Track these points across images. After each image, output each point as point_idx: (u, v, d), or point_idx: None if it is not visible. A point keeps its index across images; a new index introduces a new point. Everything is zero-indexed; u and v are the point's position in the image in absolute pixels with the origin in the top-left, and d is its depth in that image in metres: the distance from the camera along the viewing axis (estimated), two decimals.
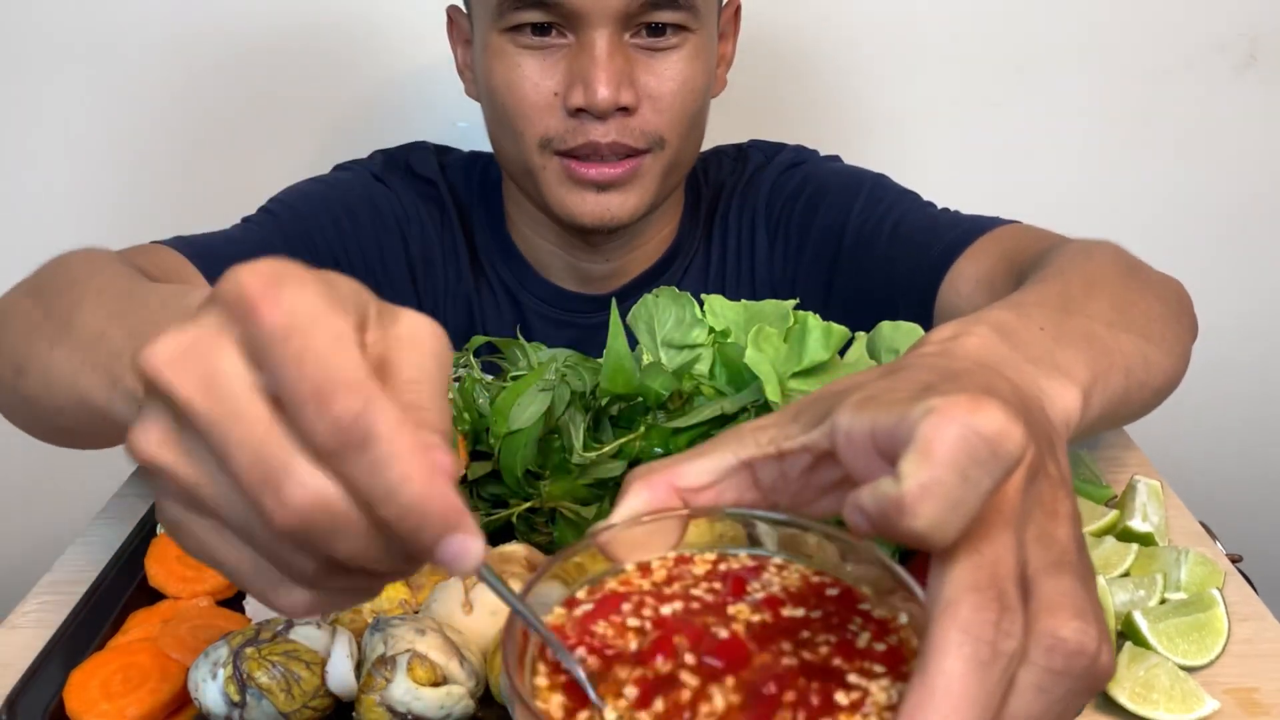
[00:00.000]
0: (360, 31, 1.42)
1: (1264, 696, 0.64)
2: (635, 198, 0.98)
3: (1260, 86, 1.48)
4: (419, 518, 0.34)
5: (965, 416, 0.35)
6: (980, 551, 0.36)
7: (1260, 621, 0.71)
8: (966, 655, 0.34)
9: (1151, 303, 0.72)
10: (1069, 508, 0.40)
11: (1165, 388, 0.71)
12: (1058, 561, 0.38)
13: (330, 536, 0.34)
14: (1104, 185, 1.52)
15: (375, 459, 0.33)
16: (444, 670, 0.59)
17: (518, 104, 0.95)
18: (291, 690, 0.58)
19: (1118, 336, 0.63)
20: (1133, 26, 1.46)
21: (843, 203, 1.07)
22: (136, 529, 0.79)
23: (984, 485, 0.35)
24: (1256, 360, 1.64)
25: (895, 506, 0.34)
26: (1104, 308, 0.65)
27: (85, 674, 0.63)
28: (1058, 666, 0.36)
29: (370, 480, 0.33)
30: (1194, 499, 0.87)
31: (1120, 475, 0.87)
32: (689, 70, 0.96)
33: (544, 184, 0.98)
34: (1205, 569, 0.73)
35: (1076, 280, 0.69)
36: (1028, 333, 0.55)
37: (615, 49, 0.92)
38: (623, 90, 0.93)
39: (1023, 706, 0.35)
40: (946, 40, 1.45)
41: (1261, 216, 1.57)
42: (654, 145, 0.97)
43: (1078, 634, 0.36)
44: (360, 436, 0.33)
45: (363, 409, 0.33)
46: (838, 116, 1.49)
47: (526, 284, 1.11)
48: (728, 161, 1.16)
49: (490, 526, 0.77)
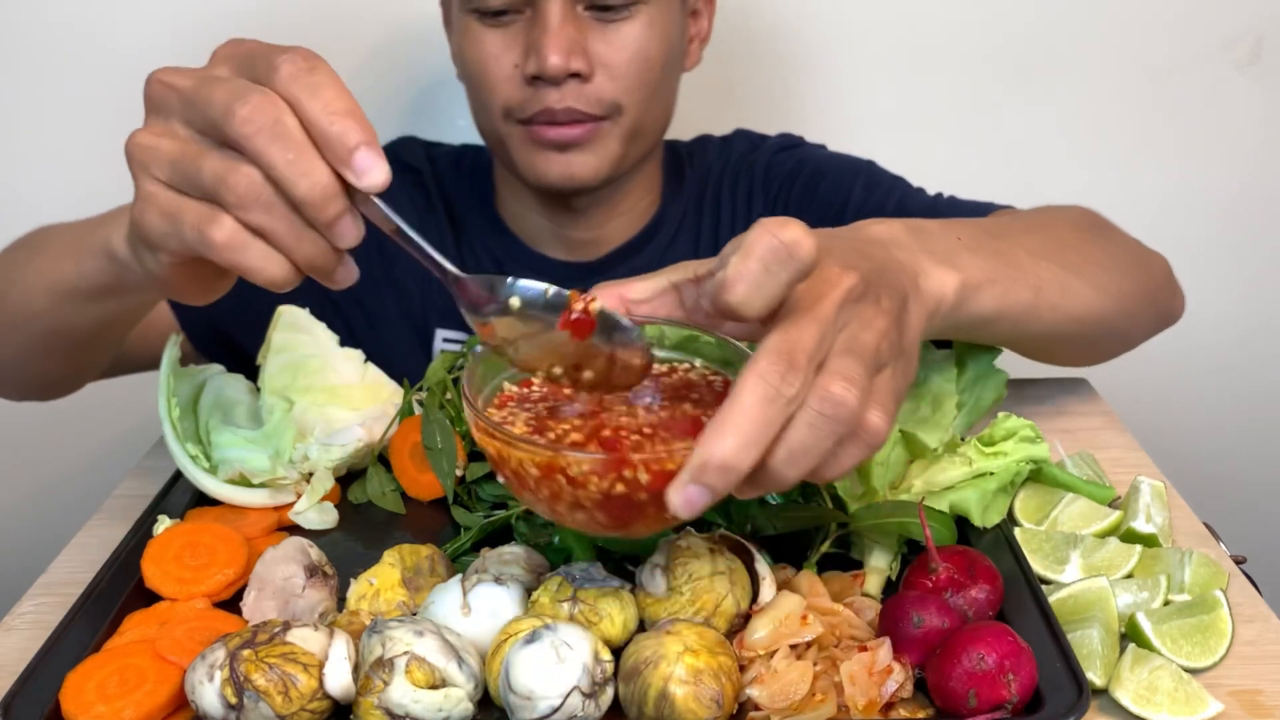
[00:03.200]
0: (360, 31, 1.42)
1: (1268, 698, 0.64)
2: (595, 159, 1.02)
3: (1264, 84, 1.48)
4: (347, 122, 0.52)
5: (774, 228, 0.51)
6: (786, 331, 0.52)
7: (1264, 623, 0.70)
8: (757, 392, 0.50)
9: (1095, 250, 0.83)
10: (883, 325, 0.55)
11: (1089, 318, 0.81)
12: (850, 350, 0.53)
13: (271, 143, 0.52)
14: (1105, 184, 1.52)
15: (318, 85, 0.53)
16: (442, 673, 0.58)
17: (482, 77, 1.01)
18: (289, 692, 0.58)
19: (1037, 262, 0.75)
20: (1135, 25, 1.45)
21: (842, 183, 1.12)
22: (133, 530, 0.79)
23: (780, 277, 0.51)
24: (1259, 360, 1.64)
25: (719, 287, 0.52)
26: (1035, 241, 0.77)
27: (81, 676, 0.62)
28: (826, 411, 0.51)
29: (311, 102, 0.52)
30: (1198, 500, 0.86)
31: (1124, 476, 0.86)
32: (644, 38, 1.00)
33: (512, 150, 1.03)
34: (1209, 570, 0.73)
35: (1022, 221, 0.81)
36: (942, 237, 0.69)
37: (567, 18, 0.97)
38: (573, 57, 0.96)
39: (795, 435, 0.51)
40: (946, 40, 1.45)
41: (1263, 215, 1.56)
42: (610, 112, 1.01)
43: (843, 391, 0.51)
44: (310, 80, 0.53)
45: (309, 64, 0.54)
46: (838, 116, 1.48)
47: (515, 257, 1.15)
48: (714, 148, 1.21)
49: (490, 527, 0.77)
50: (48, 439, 1.57)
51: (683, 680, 0.57)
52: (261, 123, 0.52)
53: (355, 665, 0.60)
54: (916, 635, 0.61)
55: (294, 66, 0.53)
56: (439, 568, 0.70)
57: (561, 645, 0.58)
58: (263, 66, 0.54)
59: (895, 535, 0.73)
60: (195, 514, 0.81)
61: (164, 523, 0.78)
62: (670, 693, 0.57)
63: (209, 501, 0.83)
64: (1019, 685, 0.58)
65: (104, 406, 1.30)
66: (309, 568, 0.69)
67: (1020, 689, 0.58)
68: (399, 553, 0.69)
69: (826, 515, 0.74)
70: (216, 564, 0.73)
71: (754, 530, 0.74)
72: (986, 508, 0.76)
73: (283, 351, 0.89)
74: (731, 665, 0.60)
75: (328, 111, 0.52)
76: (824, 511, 0.74)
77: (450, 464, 0.80)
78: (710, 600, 0.64)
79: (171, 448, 0.83)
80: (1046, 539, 0.76)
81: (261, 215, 0.54)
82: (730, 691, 0.59)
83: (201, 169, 0.54)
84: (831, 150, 1.19)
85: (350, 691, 0.59)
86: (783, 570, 0.70)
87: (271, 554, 0.70)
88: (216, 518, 0.80)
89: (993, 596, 0.66)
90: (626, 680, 0.59)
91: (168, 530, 0.76)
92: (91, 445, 1.58)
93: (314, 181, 0.53)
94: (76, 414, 1.28)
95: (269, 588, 0.69)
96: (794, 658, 0.62)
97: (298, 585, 0.68)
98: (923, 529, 0.68)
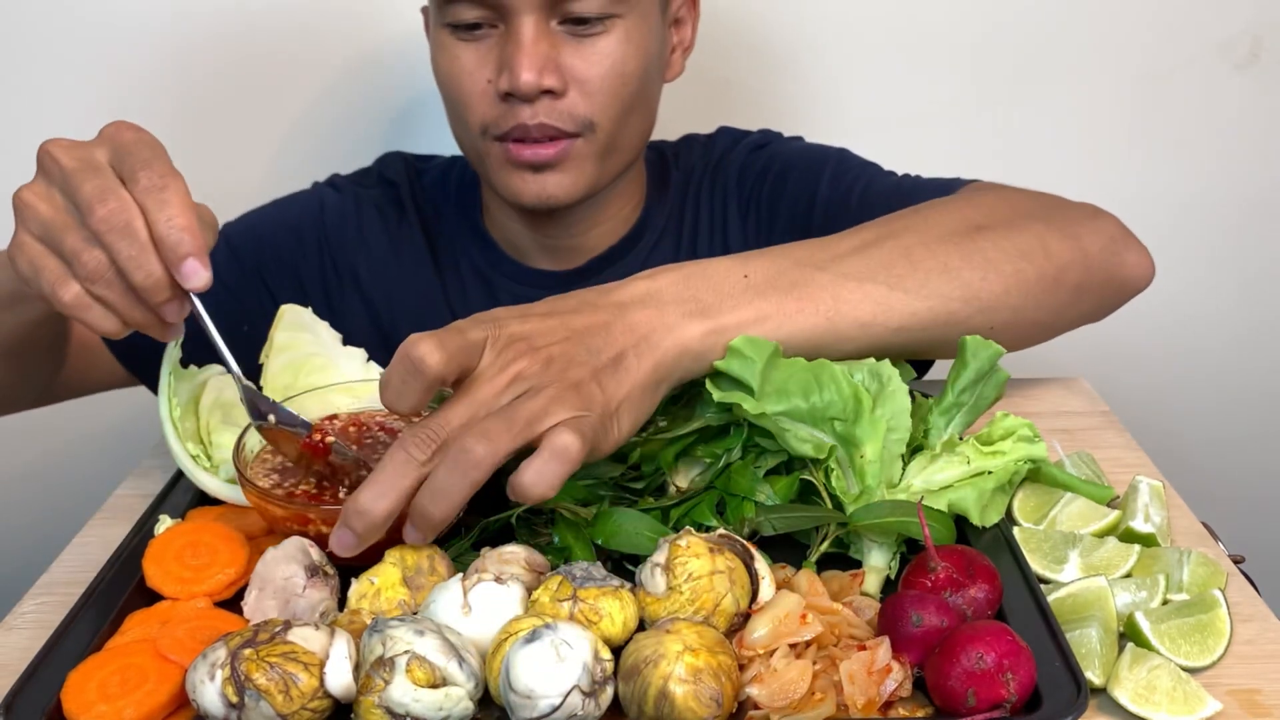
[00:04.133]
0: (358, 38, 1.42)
1: (1266, 698, 0.64)
2: (570, 179, 1.02)
3: (1262, 85, 1.48)
4: (183, 235, 0.65)
5: (409, 346, 0.64)
6: (442, 410, 0.66)
7: (1263, 622, 0.70)
8: (396, 457, 0.64)
9: (953, 254, 0.85)
10: (555, 391, 0.66)
11: (916, 326, 0.83)
12: (503, 414, 0.65)
13: (119, 240, 0.65)
14: (1104, 185, 1.51)
15: (166, 200, 0.66)
16: (443, 672, 0.58)
17: (458, 93, 1.01)
18: (289, 691, 0.58)
19: (846, 284, 0.80)
20: (1134, 25, 1.45)
21: (810, 176, 1.12)
22: (134, 530, 0.79)
23: (414, 385, 0.64)
24: (1257, 360, 1.64)
25: (379, 386, 0.66)
26: (860, 263, 0.81)
27: (82, 675, 0.62)
28: (460, 459, 0.63)
29: (158, 213, 0.66)
30: (1196, 499, 0.86)
31: (1122, 476, 0.86)
32: (619, 54, 0.99)
33: (490, 168, 1.04)
34: (1207, 569, 0.73)
35: (870, 233, 0.85)
36: (722, 280, 0.77)
37: (540, 34, 0.96)
38: (546, 74, 0.96)
39: (436, 478, 0.64)
40: (946, 40, 1.45)
41: (1262, 216, 1.56)
42: (583, 129, 1.00)
43: (474, 443, 0.63)
44: (161, 196, 0.66)
45: (163, 182, 0.66)
46: (837, 116, 1.48)
47: (498, 266, 1.16)
48: (698, 147, 1.20)
49: (490, 527, 0.77)
50: (49, 439, 1.57)
51: (682, 679, 0.58)
52: (114, 223, 0.65)
53: (356, 664, 0.60)
54: (915, 634, 0.62)
55: (149, 182, 0.66)
56: (439, 567, 0.70)
57: (562, 644, 0.58)
58: (129, 166, 0.67)
59: (894, 534, 0.73)
60: (196, 514, 0.81)
61: (165, 522, 0.78)
62: (670, 691, 0.57)
63: (210, 501, 0.83)
64: (1018, 684, 0.58)
65: (105, 406, 1.30)
66: (310, 567, 0.69)
67: (1019, 688, 0.58)
68: (400, 552, 0.69)
69: (825, 515, 0.74)
70: (217, 563, 0.73)
71: (753, 530, 0.74)
72: (985, 507, 0.76)
73: (285, 350, 0.89)
74: (731, 664, 0.60)
75: (169, 224, 0.65)
76: (823, 511, 0.75)
77: None
78: (710, 599, 0.64)
79: (173, 447, 0.83)
80: (1045, 538, 0.76)
81: (103, 289, 0.67)
82: (730, 690, 0.59)
83: (64, 240, 0.67)
84: (806, 142, 1.19)
85: (351, 690, 0.59)
86: (782, 569, 0.70)
87: (272, 554, 0.70)
88: (218, 517, 0.80)
89: (991, 596, 0.66)
90: (626, 679, 0.59)
91: (169, 530, 0.76)
92: (92, 445, 1.58)
93: (148, 274, 0.66)
94: (78, 414, 1.28)
95: (270, 587, 0.69)
96: (793, 657, 0.62)
97: (299, 585, 0.68)
98: (921, 528, 0.68)
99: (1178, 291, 1.59)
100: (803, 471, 0.77)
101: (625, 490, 0.79)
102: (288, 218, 1.18)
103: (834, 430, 0.75)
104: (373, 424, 0.82)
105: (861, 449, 0.75)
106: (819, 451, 0.75)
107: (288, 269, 1.15)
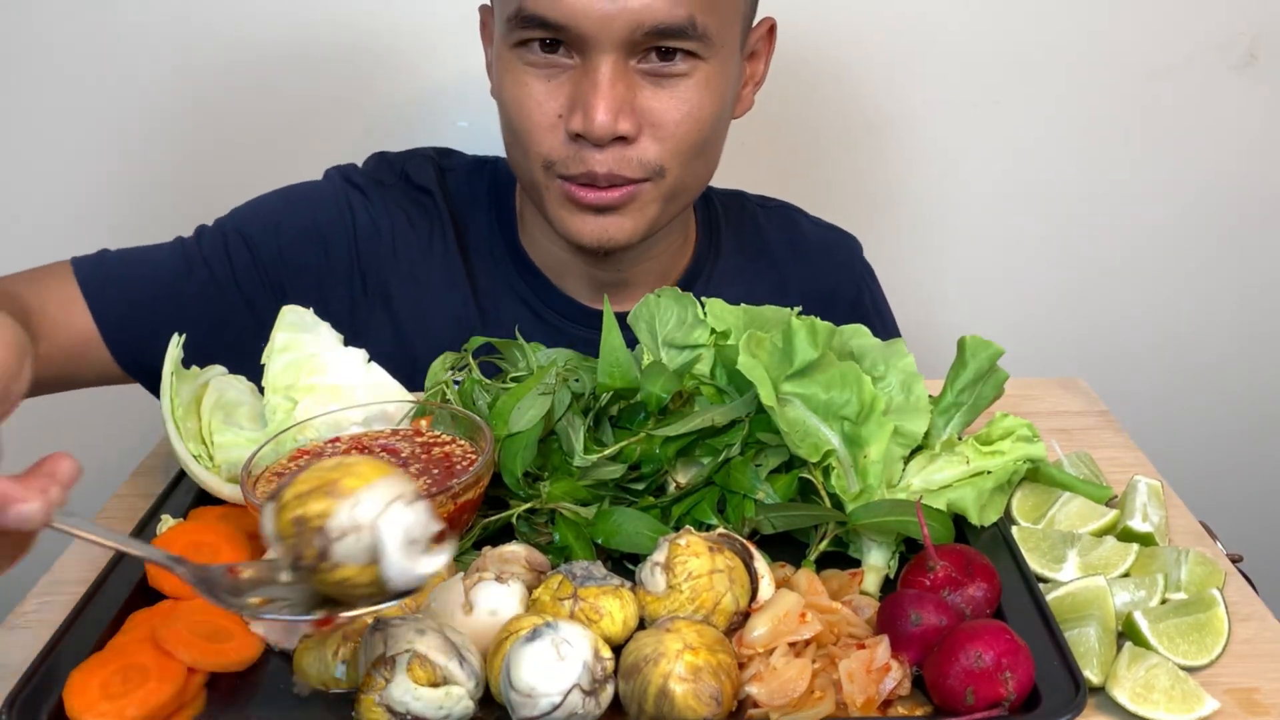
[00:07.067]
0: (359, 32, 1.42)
1: (1264, 696, 0.64)
2: (632, 222, 0.97)
3: (1260, 85, 1.48)
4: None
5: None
6: None
7: (1261, 621, 0.71)
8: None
9: None
10: None
11: None
12: None
13: None
14: (1104, 185, 1.52)
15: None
16: (443, 670, 0.59)
17: (523, 123, 0.95)
18: None
19: None
20: (1132, 26, 1.45)
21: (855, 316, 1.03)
22: (136, 529, 0.79)
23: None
24: (1255, 359, 1.64)
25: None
26: None
27: (85, 674, 0.62)
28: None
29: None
30: (1194, 499, 0.87)
31: (1121, 475, 0.87)
32: (696, 100, 0.94)
33: (547, 203, 0.99)
34: (1205, 569, 0.73)
35: None
36: None
37: (618, 75, 0.91)
38: (622, 119, 0.91)
39: None
40: (946, 40, 1.45)
41: (1261, 216, 1.56)
42: (653, 175, 0.95)
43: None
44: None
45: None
46: (838, 116, 1.48)
47: (538, 292, 1.10)
48: (756, 214, 1.19)
49: (490, 527, 0.77)
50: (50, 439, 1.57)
51: (682, 678, 0.58)
52: None
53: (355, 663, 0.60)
54: (914, 633, 0.62)
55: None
56: None
57: (562, 643, 0.58)
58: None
59: (893, 534, 0.74)
60: (198, 513, 0.82)
61: (167, 522, 0.78)
62: (670, 690, 0.58)
63: (212, 501, 0.83)
64: (1016, 683, 0.58)
65: (106, 406, 1.30)
66: None
67: (1017, 687, 0.58)
68: None
69: (825, 514, 0.74)
70: (220, 562, 0.73)
71: (753, 529, 0.74)
72: (984, 506, 0.76)
73: (286, 351, 0.89)
74: (731, 663, 0.60)
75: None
76: (822, 510, 0.75)
77: None
78: (709, 598, 0.64)
79: (175, 447, 0.83)
80: (1044, 537, 0.76)
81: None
82: (729, 689, 0.59)
83: None
84: (882, 291, 1.21)
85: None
86: (781, 568, 0.71)
87: None
88: (220, 517, 0.80)
89: (990, 595, 0.66)
90: (626, 678, 0.59)
91: (171, 529, 0.76)
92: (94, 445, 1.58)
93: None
94: (79, 414, 1.28)
95: None
96: (792, 655, 0.62)
97: None
98: (920, 527, 0.68)
99: (1175, 292, 1.59)
100: (802, 470, 0.77)
101: (625, 490, 0.79)
102: (313, 222, 1.08)
103: (842, 428, 0.76)
104: (375, 446, 0.81)
105: (866, 449, 0.76)
106: (814, 454, 0.75)
107: (311, 281, 1.07)
